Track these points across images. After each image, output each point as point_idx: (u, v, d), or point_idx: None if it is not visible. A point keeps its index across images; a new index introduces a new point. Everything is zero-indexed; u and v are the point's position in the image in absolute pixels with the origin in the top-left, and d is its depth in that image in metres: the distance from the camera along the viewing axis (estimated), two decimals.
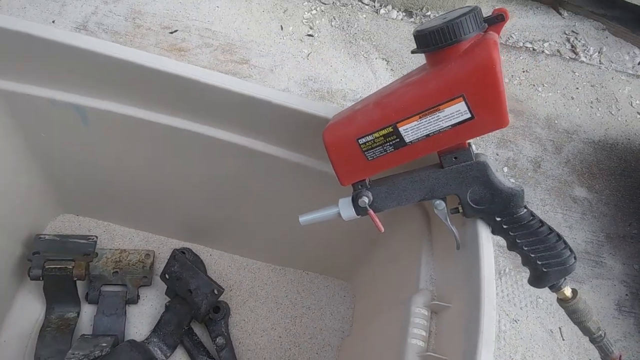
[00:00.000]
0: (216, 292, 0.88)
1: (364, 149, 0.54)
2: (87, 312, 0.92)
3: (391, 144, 0.53)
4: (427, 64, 0.52)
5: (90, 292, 0.93)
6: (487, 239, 0.57)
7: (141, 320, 0.94)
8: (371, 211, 0.58)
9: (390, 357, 0.65)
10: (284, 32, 1.44)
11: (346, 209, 0.59)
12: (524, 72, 1.52)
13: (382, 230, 0.58)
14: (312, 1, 1.53)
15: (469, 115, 0.49)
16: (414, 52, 0.51)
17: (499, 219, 0.56)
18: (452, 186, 0.56)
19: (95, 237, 0.93)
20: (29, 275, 0.85)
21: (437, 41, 0.48)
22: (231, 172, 0.81)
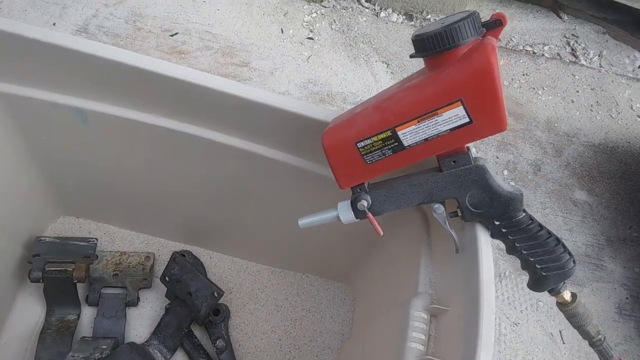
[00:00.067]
0: (216, 294, 0.88)
1: (362, 152, 0.54)
2: (87, 315, 0.92)
3: (390, 147, 0.53)
4: (425, 68, 0.53)
5: (90, 294, 0.93)
6: (486, 243, 0.57)
7: (141, 322, 0.94)
8: (370, 215, 0.58)
9: None
10: (285, 35, 1.45)
11: (345, 213, 0.59)
12: (524, 75, 1.52)
13: (381, 233, 0.58)
14: (312, 4, 1.53)
15: (467, 119, 0.49)
16: (412, 56, 0.51)
17: (497, 223, 0.56)
18: (451, 190, 0.56)
19: (95, 239, 0.93)
20: (29, 277, 0.85)
21: (435, 46, 0.48)
22: (231, 175, 0.81)
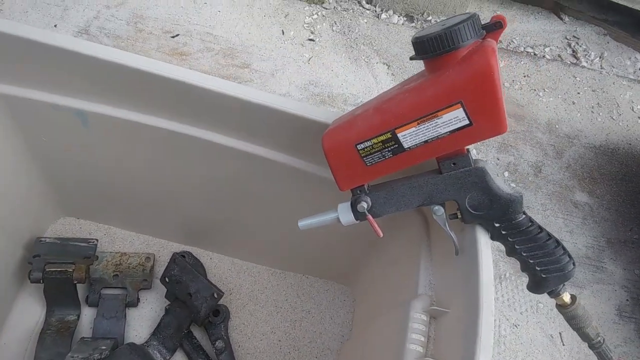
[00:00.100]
0: (216, 295, 0.88)
1: (362, 154, 0.54)
2: (87, 315, 0.92)
3: (390, 149, 0.53)
4: (425, 71, 0.53)
5: (90, 295, 0.93)
6: (485, 245, 0.57)
7: (141, 323, 0.94)
8: (370, 216, 0.58)
9: None
10: (285, 37, 1.45)
11: (345, 214, 0.60)
12: (525, 77, 1.52)
13: (381, 235, 0.58)
14: (313, 6, 1.53)
15: (467, 121, 0.49)
16: (412, 58, 0.51)
17: (497, 225, 0.56)
18: (451, 192, 0.56)
19: (95, 240, 0.93)
20: (30, 278, 0.85)
21: (435, 48, 0.48)
22: (231, 177, 0.81)
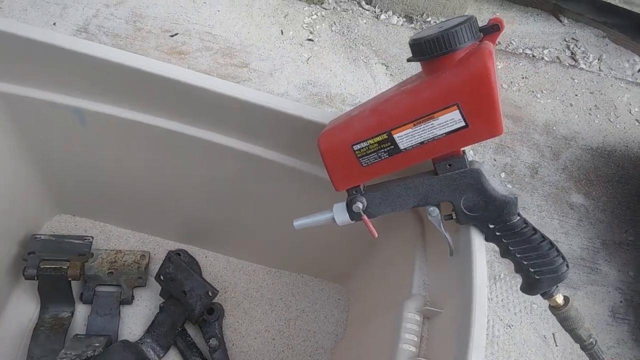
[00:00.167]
0: (210, 293, 0.88)
1: (358, 155, 0.54)
2: (81, 312, 0.92)
3: (386, 150, 0.53)
4: (422, 72, 0.53)
5: (84, 292, 0.93)
6: (480, 246, 0.58)
7: (135, 320, 0.94)
8: (365, 217, 0.58)
9: None
10: (284, 37, 1.45)
11: (340, 214, 0.60)
12: (523, 78, 1.52)
13: (376, 235, 0.58)
14: (312, 6, 1.53)
15: (463, 123, 0.50)
16: (409, 60, 0.52)
17: (492, 226, 0.57)
18: (446, 193, 0.56)
19: (91, 237, 0.93)
20: (24, 274, 0.85)
21: (432, 50, 0.48)
22: (227, 176, 0.81)
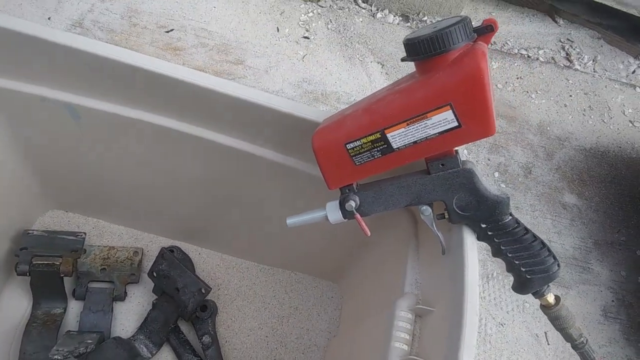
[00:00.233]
0: (203, 290, 0.88)
1: (351, 154, 0.55)
2: (74, 308, 0.92)
3: (379, 149, 0.53)
4: (416, 72, 0.53)
5: (77, 288, 0.92)
6: (472, 245, 0.58)
7: (128, 317, 0.94)
8: (358, 215, 0.58)
9: (374, 359, 0.65)
10: (280, 34, 1.44)
11: (333, 213, 0.60)
12: (518, 78, 1.53)
13: (369, 234, 0.58)
14: (309, 4, 1.53)
15: (456, 123, 0.50)
16: (403, 59, 0.52)
17: (484, 226, 0.57)
18: (439, 192, 0.56)
19: (83, 233, 0.93)
20: (16, 270, 0.85)
21: (426, 50, 0.48)
22: (220, 173, 0.81)
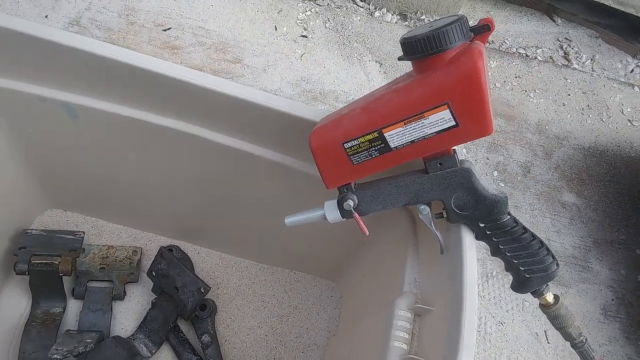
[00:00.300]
0: (202, 290, 0.88)
1: (349, 153, 0.55)
2: (73, 308, 0.92)
3: (376, 149, 0.53)
4: (413, 71, 0.53)
5: (76, 287, 0.92)
6: (470, 245, 0.58)
7: (127, 316, 0.94)
8: (356, 214, 0.58)
9: (373, 358, 0.65)
10: (278, 33, 1.44)
11: (331, 212, 0.60)
12: (516, 77, 1.53)
13: (367, 233, 0.59)
14: (306, 2, 1.53)
15: (453, 122, 0.50)
16: (400, 59, 0.52)
17: (482, 225, 0.57)
18: (437, 192, 0.56)
19: (82, 232, 0.93)
20: (15, 269, 0.85)
21: (423, 49, 0.48)
22: (219, 172, 0.81)
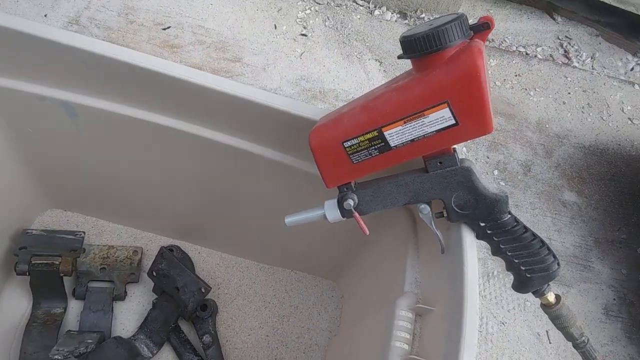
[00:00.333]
0: (203, 290, 0.88)
1: (349, 152, 0.54)
2: (74, 308, 0.92)
3: (376, 147, 0.53)
4: (413, 70, 0.53)
5: (77, 288, 0.92)
6: (471, 244, 0.58)
7: (128, 316, 0.94)
8: (356, 214, 0.58)
9: (374, 359, 0.65)
10: (278, 31, 1.44)
11: (331, 211, 0.60)
12: (516, 76, 1.52)
13: (367, 233, 0.58)
14: (306, 1, 1.52)
15: (453, 121, 0.49)
16: (400, 57, 0.51)
17: (483, 224, 0.57)
18: (437, 191, 0.56)
19: (83, 232, 0.93)
20: (15, 270, 0.85)
21: (422, 47, 0.48)
22: (219, 171, 0.80)
